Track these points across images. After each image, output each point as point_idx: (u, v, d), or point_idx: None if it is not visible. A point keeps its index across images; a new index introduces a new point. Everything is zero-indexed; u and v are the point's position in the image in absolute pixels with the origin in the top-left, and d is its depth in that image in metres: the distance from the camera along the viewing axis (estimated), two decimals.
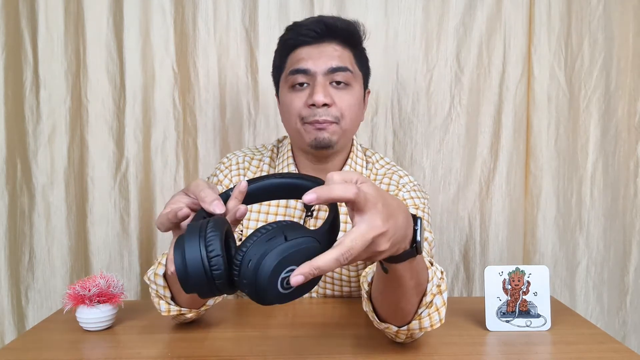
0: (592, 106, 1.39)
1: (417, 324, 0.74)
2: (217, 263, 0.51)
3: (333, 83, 0.92)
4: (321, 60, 0.91)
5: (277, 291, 0.51)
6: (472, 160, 1.41)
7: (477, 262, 1.42)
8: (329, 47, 0.92)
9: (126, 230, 1.38)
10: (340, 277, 1.06)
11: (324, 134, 0.91)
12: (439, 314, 0.74)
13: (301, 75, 0.92)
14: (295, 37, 0.94)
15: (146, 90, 1.37)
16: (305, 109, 0.91)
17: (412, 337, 0.79)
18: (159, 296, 0.85)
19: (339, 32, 0.93)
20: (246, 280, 0.51)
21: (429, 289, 0.72)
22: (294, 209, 1.00)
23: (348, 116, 0.93)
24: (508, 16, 1.37)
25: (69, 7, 1.34)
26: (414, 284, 0.69)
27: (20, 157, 1.35)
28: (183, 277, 0.52)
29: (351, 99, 0.93)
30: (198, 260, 0.51)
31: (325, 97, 0.89)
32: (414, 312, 0.73)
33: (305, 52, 0.92)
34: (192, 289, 0.53)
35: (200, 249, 0.51)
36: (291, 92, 0.94)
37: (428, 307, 0.73)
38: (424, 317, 0.73)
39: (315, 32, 0.92)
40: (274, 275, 0.50)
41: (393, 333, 0.77)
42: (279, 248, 0.50)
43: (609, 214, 1.42)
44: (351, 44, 0.95)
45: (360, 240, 0.52)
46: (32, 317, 1.37)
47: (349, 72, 0.92)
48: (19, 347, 0.81)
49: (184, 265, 0.51)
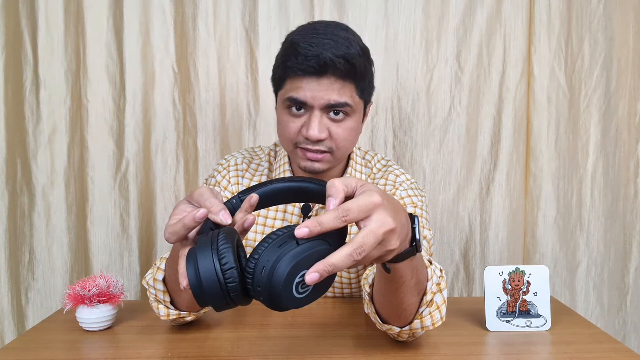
0: (592, 106, 1.39)
1: (419, 323, 0.75)
2: (231, 276, 0.51)
3: (331, 113, 0.88)
4: (319, 95, 0.86)
5: (293, 296, 0.51)
6: (472, 160, 1.41)
7: (477, 262, 1.42)
8: (328, 81, 0.86)
9: (126, 230, 1.38)
10: (340, 279, 1.07)
11: (316, 165, 0.91)
12: (440, 312, 0.75)
13: (298, 104, 0.88)
14: (295, 65, 0.87)
15: (146, 90, 1.37)
16: (300, 136, 0.90)
17: (414, 336, 0.79)
18: (157, 300, 0.85)
19: (338, 69, 0.85)
20: (260, 288, 0.51)
21: (429, 287, 0.73)
22: (292, 214, 1.01)
23: (342, 147, 0.91)
24: (508, 16, 1.37)
25: (69, 7, 1.34)
26: (414, 282, 0.70)
27: (20, 157, 1.35)
28: (198, 292, 0.52)
29: (348, 130, 0.90)
30: (212, 274, 0.51)
31: (321, 133, 0.87)
32: (415, 312, 0.74)
33: (305, 83, 0.87)
34: (207, 303, 0.53)
35: (214, 262, 0.51)
36: (287, 113, 0.91)
37: (429, 305, 0.74)
38: (425, 316, 0.74)
39: (313, 68, 0.85)
40: (289, 280, 0.50)
41: (395, 333, 0.78)
42: (292, 253, 0.50)
43: (609, 214, 1.42)
44: (352, 77, 0.88)
45: (372, 237, 0.52)
46: (32, 317, 1.37)
47: (348, 107, 0.88)
48: (19, 347, 0.81)
49: (198, 280, 0.51)
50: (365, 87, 0.92)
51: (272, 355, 0.76)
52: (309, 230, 0.50)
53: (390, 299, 0.73)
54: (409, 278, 0.68)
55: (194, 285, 0.52)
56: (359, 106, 0.92)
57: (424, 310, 0.74)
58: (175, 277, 0.65)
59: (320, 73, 0.85)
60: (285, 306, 0.52)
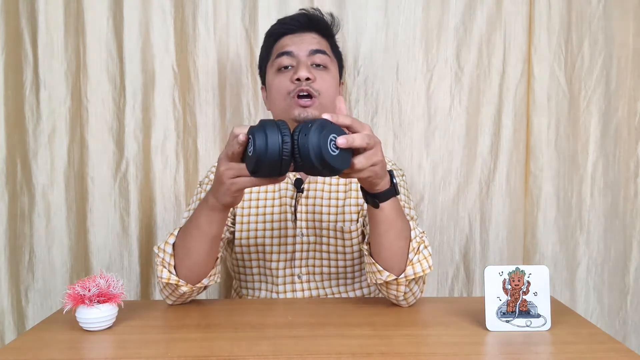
0: (592, 106, 1.39)
1: (411, 269, 0.91)
2: (288, 142, 0.70)
3: (313, 65, 1.06)
4: (303, 45, 1.07)
5: (329, 152, 0.70)
6: (472, 160, 1.41)
7: (477, 262, 1.42)
8: (309, 35, 1.09)
9: (126, 230, 1.38)
10: (336, 274, 1.10)
11: (308, 110, 1.04)
12: (427, 262, 0.92)
13: (286, 57, 1.07)
14: (279, 27, 1.11)
15: (146, 90, 1.37)
16: (291, 84, 1.05)
17: (412, 292, 0.94)
18: (163, 264, 0.94)
19: (318, 23, 1.10)
20: (305, 142, 0.70)
21: (413, 236, 0.91)
22: (286, 189, 1.12)
23: (326, 93, 1.06)
24: (508, 16, 1.37)
25: (69, 7, 1.34)
26: (400, 225, 0.89)
27: (20, 157, 1.35)
28: (262, 152, 0.70)
29: (329, 79, 1.08)
30: (276, 140, 0.70)
31: (309, 73, 1.04)
32: (406, 258, 0.91)
33: (289, 39, 1.09)
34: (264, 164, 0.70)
35: (279, 134, 0.70)
36: (278, 74, 1.08)
37: (417, 253, 0.91)
38: (415, 263, 0.91)
39: (298, 22, 1.09)
40: (325, 136, 0.70)
41: (394, 288, 0.92)
42: (320, 121, 0.72)
43: (609, 214, 1.42)
44: (327, 35, 1.13)
45: (371, 137, 0.76)
46: (32, 317, 1.37)
47: (327, 56, 1.08)
48: (19, 347, 0.81)
49: (265, 142, 0.69)
50: (336, 52, 1.15)
51: (272, 355, 0.76)
52: (346, 142, 0.71)
53: (383, 241, 0.89)
54: (394, 218, 0.87)
55: (260, 148, 0.70)
56: (335, 65, 1.12)
57: (414, 258, 0.91)
58: (185, 240, 0.92)
59: (300, 28, 1.08)
60: (325, 157, 0.70)
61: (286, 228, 1.10)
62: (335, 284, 1.13)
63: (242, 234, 1.11)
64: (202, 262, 0.94)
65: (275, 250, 1.11)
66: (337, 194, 1.12)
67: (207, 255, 0.93)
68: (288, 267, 1.11)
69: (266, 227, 1.10)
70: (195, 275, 0.94)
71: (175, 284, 0.94)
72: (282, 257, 1.11)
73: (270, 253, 1.11)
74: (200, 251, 0.92)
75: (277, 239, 1.11)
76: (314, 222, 1.10)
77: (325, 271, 1.12)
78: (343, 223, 1.09)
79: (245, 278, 1.15)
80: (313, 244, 1.10)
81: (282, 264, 1.11)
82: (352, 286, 1.15)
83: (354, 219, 1.10)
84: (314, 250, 1.11)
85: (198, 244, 0.91)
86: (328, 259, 1.11)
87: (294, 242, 1.10)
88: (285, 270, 1.11)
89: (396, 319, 0.92)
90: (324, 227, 1.10)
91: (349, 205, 1.10)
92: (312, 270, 1.12)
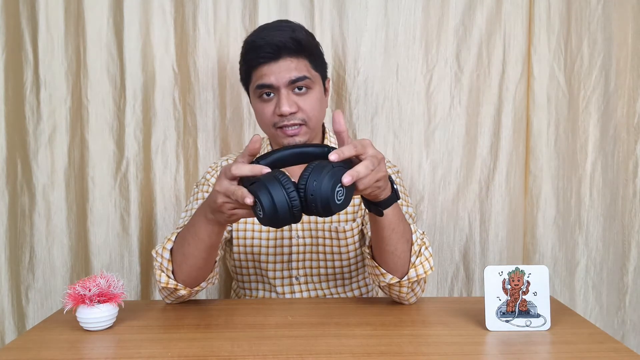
0: (591, 106, 1.39)
1: (414, 272, 0.92)
2: (295, 198, 0.72)
3: (295, 89, 1.02)
4: (281, 75, 1.00)
5: (335, 202, 0.72)
6: (472, 160, 1.41)
7: (476, 262, 1.42)
8: (285, 62, 1.01)
9: (126, 230, 1.38)
10: (334, 275, 1.11)
11: (296, 139, 1.02)
12: (429, 263, 0.94)
13: (266, 89, 1.02)
14: (255, 58, 1.03)
15: (146, 90, 1.37)
16: (275, 117, 1.02)
17: (414, 292, 0.96)
18: (161, 269, 0.95)
19: (289, 48, 1.01)
20: (315, 200, 0.72)
21: (414, 239, 0.92)
22: None
23: (313, 117, 1.04)
24: (508, 16, 1.37)
25: (69, 7, 1.34)
26: (402, 230, 0.90)
27: (20, 157, 1.35)
28: (272, 214, 0.72)
29: (313, 101, 1.04)
30: (283, 200, 0.71)
31: (291, 107, 1.00)
32: (408, 261, 0.92)
33: (267, 69, 1.02)
34: (277, 221, 0.73)
35: (284, 191, 0.72)
36: (260, 102, 1.04)
37: (418, 255, 0.93)
38: (417, 265, 0.92)
39: (269, 54, 1.01)
40: (333, 188, 0.72)
41: (397, 290, 0.94)
42: (331, 172, 0.72)
43: (608, 214, 1.42)
44: (304, 53, 1.03)
45: (375, 159, 0.76)
46: (32, 317, 1.37)
47: (307, 80, 1.02)
48: (19, 347, 0.81)
49: (273, 205, 0.71)
50: (318, 62, 1.08)
51: (272, 355, 0.76)
52: (352, 179, 0.72)
53: (385, 247, 0.90)
54: (396, 223, 0.88)
55: (269, 208, 0.71)
56: (317, 79, 1.06)
57: (416, 260, 0.92)
58: (183, 247, 0.92)
59: (275, 57, 1.01)
60: (332, 210, 0.73)
61: (282, 230, 1.11)
62: (334, 285, 1.14)
63: (239, 233, 1.12)
64: (200, 267, 0.94)
65: (272, 252, 1.11)
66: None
67: (204, 261, 0.93)
68: (285, 269, 1.12)
69: (262, 229, 1.11)
70: (193, 280, 0.95)
71: (174, 287, 0.95)
72: (278, 259, 1.12)
73: (267, 255, 1.11)
74: (198, 258, 0.92)
75: (272, 241, 1.11)
76: (309, 223, 1.10)
77: (322, 272, 1.13)
78: (338, 223, 1.09)
79: (243, 279, 1.16)
80: (309, 245, 1.11)
81: (279, 265, 1.12)
82: (350, 286, 1.15)
83: (349, 219, 1.10)
84: (310, 252, 1.11)
85: (196, 252, 0.91)
86: (325, 260, 1.12)
87: (290, 244, 1.11)
88: (283, 272, 1.12)
89: (396, 318, 0.93)
90: (319, 229, 1.10)
91: None
92: (310, 271, 1.13)
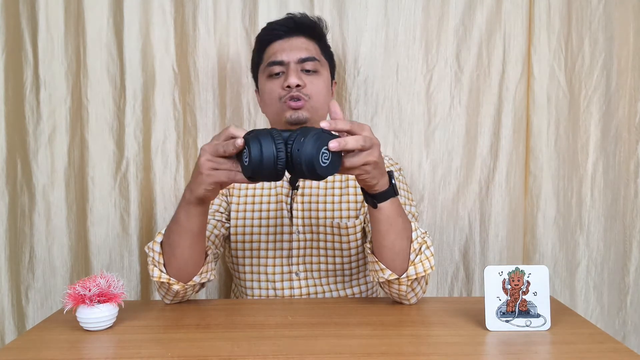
0: (592, 106, 1.39)
1: (413, 269, 0.92)
2: (282, 151, 0.74)
3: (304, 71, 1.08)
4: (292, 52, 1.08)
5: (319, 163, 0.73)
6: (472, 160, 1.41)
7: (476, 262, 1.42)
8: (297, 40, 1.10)
9: (126, 230, 1.38)
10: (334, 271, 1.11)
11: (299, 112, 1.07)
12: (429, 262, 0.93)
13: (277, 66, 1.08)
14: (269, 34, 1.12)
15: (146, 90, 1.37)
16: (282, 91, 1.07)
17: (414, 292, 0.96)
18: (153, 263, 0.96)
19: (306, 27, 1.11)
20: (299, 152, 0.73)
21: (415, 236, 0.92)
22: (281, 187, 1.14)
23: (316, 96, 1.08)
24: (508, 16, 1.37)
25: (69, 7, 1.34)
26: (401, 225, 0.90)
27: (20, 157, 1.35)
28: (258, 161, 0.73)
29: (320, 83, 1.10)
30: (271, 150, 0.73)
31: (298, 80, 1.06)
32: (408, 258, 0.92)
33: (278, 46, 1.09)
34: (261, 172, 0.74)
35: (273, 144, 0.73)
36: (269, 80, 1.10)
37: (418, 254, 0.93)
38: (417, 263, 0.92)
39: (286, 27, 1.10)
40: (318, 149, 0.73)
41: (396, 287, 0.94)
42: (320, 135, 0.74)
43: (609, 214, 1.42)
44: (316, 37, 1.13)
45: (368, 139, 0.78)
46: (32, 317, 1.37)
47: (316, 61, 1.09)
48: (19, 347, 0.81)
49: (260, 152, 0.73)
50: (327, 51, 1.16)
51: (272, 355, 0.76)
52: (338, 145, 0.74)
53: (384, 241, 0.91)
54: (394, 218, 0.88)
55: (256, 157, 0.73)
56: (326, 66, 1.13)
57: (415, 258, 0.92)
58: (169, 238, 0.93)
59: (289, 33, 1.09)
60: (317, 170, 0.73)
61: (282, 225, 1.11)
62: (334, 281, 1.14)
63: (238, 229, 1.12)
64: (188, 258, 0.94)
65: (271, 247, 1.11)
66: (332, 190, 1.13)
67: (190, 250, 0.93)
68: (285, 265, 1.12)
69: (262, 224, 1.11)
70: (184, 273, 0.95)
71: (167, 282, 0.95)
72: (278, 255, 1.12)
73: (266, 250, 1.11)
74: (183, 247, 0.92)
75: (272, 236, 1.11)
76: (310, 219, 1.11)
77: (322, 268, 1.12)
78: (340, 219, 1.09)
79: (243, 276, 1.15)
80: (310, 241, 1.11)
81: (279, 260, 1.12)
82: (350, 283, 1.15)
83: (351, 215, 1.10)
84: (310, 248, 1.11)
85: (180, 240, 0.92)
86: (325, 256, 1.12)
87: (290, 239, 1.11)
88: (283, 267, 1.12)
89: (396, 318, 0.93)
90: (320, 224, 1.10)
91: (346, 202, 1.11)
92: (310, 267, 1.12)
